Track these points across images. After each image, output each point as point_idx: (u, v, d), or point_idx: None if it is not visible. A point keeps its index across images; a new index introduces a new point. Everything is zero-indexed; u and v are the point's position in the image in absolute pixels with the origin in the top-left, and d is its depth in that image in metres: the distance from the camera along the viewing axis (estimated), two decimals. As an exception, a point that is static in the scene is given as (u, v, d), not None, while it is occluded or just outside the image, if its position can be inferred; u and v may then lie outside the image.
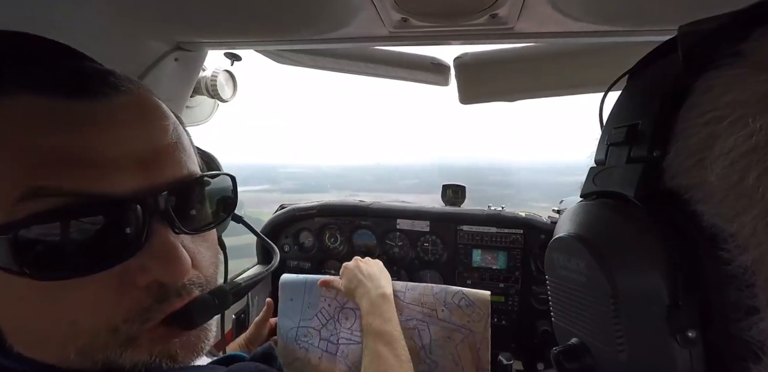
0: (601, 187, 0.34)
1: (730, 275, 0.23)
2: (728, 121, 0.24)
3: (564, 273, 0.35)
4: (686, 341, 0.24)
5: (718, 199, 0.24)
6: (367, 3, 0.64)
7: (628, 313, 0.28)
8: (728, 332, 0.23)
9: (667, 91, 0.29)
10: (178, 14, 0.73)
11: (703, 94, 0.26)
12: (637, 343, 0.28)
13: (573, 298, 0.34)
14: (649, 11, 0.65)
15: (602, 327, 0.31)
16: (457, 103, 1.14)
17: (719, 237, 0.23)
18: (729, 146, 0.23)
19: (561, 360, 0.34)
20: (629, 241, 0.29)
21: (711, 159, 0.24)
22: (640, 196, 0.29)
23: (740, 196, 0.22)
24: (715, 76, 0.26)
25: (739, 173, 0.22)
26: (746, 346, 0.22)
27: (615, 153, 0.34)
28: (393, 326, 0.83)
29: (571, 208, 0.37)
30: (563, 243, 0.35)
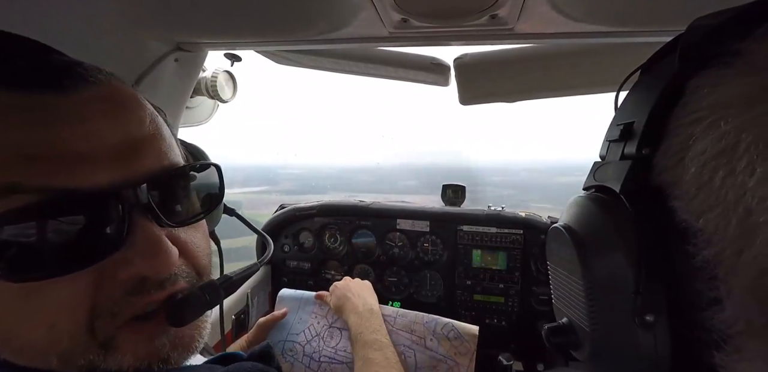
0: (598, 181, 0.37)
1: (696, 267, 0.24)
2: (707, 123, 0.25)
3: (556, 259, 0.39)
4: (644, 324, 0.27)
5: (690, 197, 0.25)
6: (367, 3, 0.64)
7: (600, 296, 0.32)
8: (693, 320, 0.25)
9: (663, 89, 0.30)
10: (178, 15, 0.73)
11: (692, 93, 0.27)
12: (606, 323, 0.31)
13: (563, 282, 0.38)
14: (649, 12, 0.66)
15: (580, 308, 0.34)
16: (456, 103, 1.14)
17: (689, 232, 0.25)
18: (703, 148, 0.24)
19: (548, 334, 0.38)
20: (604, 232, 0.31)
21: (689, 158, 0.25)
22: (625, 190, 0.31)
23: (708, 195, 0.23)
24: (705, 75, 0.26)
25: (709, 173, 0.23)
26: (709, 335, 0.24)
27: (612, 149, 0.36)
28: (382, 335, 0.84)
29: (569, 200, 0.40)
30: (555, 233, 0.38)
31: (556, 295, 0.41)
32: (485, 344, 1.31)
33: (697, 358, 0.25)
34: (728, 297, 0.23)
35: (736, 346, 0.23)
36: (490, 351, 1.18)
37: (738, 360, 0.22)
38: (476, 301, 1.33)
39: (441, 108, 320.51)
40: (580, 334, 0.35)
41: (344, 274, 1.46)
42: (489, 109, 1.17)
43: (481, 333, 1.34)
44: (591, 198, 0.35)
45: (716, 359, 0.23)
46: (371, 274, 1.44)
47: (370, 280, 1.43)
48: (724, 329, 0.23)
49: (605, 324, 0.31)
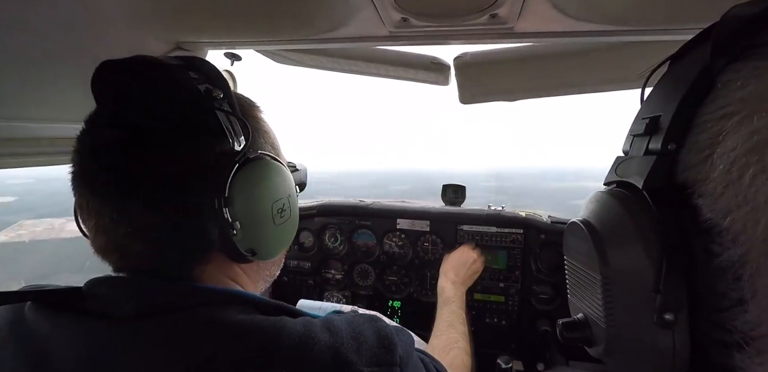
0: (620, 176, 0.36)
1: (720, 267, 0.24)
2: (738, 118, 0.23)
3: (574, 254, 0.39)
4: (663, 323, 0.26)
5: (716, 195, 0.24)
6: (367, 3, 0.64)
7: (618, 293, 0.31)
8: (714, 321, 0.24)
9: (692, 82, 0.29)
10: (178, 14, 0.73)
11: (723, 87, 0.26)
12: (624, 320, 0.31)
13: (579, 277, 0.38)
14: (649, 11, 0.65)
15: (597, 304, 0.33)
16: (454, 104, 1.14)
17: (713, 231, 0.24)
18: (733, 144, 0.23)
19: (562, 329, 0.38)
20: (625, 227, 0.31)
21: (717, 155, 0.24)
22: (648, 186, 0.30)
23: (736, 194, 0.23)
24: (737, 68, 0.25)
25: (738, 171, 0.23)
26: (730, 335, 0.23)
27: (636, 144, 0.35)
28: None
29: (589, 195, 0.39)
30: (574, 227, 0.38)
31: (572, 289, 0.41)
32: (485, 344, 1.31)
33: (715, 358, 0.25)
34: (753, 299, 0.22)
35: (758, 349, 0.22)
36: (490, 351, 1.18)
37: (761, 363, 0.22)
38: (476, 300, 1.33)
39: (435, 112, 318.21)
40: (596, 330, 0.35)
41: (344, 274, 1.46)
42: (484, 112, 1.17)
43: (482, 332, 1.34)
44: (612, 193, 0.34)
45: (736, 361, 0.23)
46: (371, 274, 1.44)
47: (369, 279, 1.44)
48: (747, 331, 0.22)
49: (622, 321, 0.31)
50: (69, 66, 0.69)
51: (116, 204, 0.38)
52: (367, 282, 1.45)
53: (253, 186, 0.41)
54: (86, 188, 0.40)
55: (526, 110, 36.97)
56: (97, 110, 0.42)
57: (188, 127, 0.39)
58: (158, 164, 0.38)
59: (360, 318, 0.43)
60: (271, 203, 0.44)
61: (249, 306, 0.40)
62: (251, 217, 0.41)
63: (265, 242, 0.43)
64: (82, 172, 0.40)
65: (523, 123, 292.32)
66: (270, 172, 0.44)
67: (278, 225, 0.45)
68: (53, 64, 0.66)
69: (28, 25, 0.58)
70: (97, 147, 0.40)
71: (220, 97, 0.41)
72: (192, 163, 0.39)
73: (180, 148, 0.39)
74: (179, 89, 0.40)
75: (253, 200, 0.42)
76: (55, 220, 3.30)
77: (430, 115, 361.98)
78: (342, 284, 1.47)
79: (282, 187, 0.46)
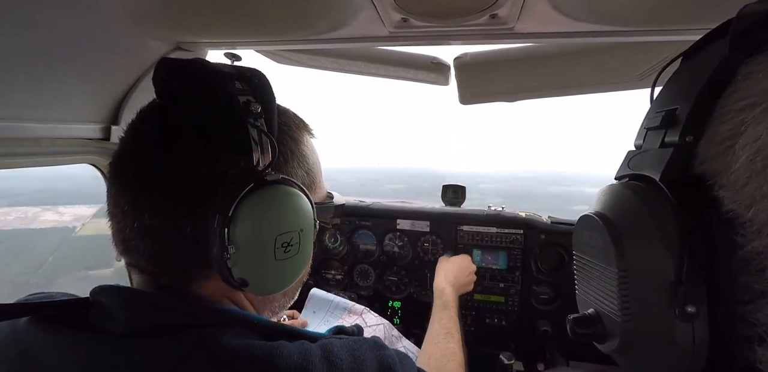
0: (633, 169, 0.35)
1: (743, 259, 0.23)
2: (761, 109, 0.23)
3: (585, 248, 0.38)
4: (685, 315, 0.25)
5: (739, 186, 0.24)
6: (367, 3, 0.64)
7: (635, 286, 0.30)
8: (736, 313, 0.24)
9: (711, 75, 0.29)
10: (178, 14, 0.73)
11: (744, 79, 0.26)
12: (641, 314, 0.30)
13: (591, 271, 0.37)
14: (649, 12, 0.65)
15: (612, 298, 0.33)
16: (453, 105, 1.14)
17: (736, 222, 0.24)
18: (757, 134, 0.23)
19: (573, 326, 0.37)
20: (644, 220, 0.30)
21: (739, 146, 0.24)
22: (665, 179, 0.29)
23: (761, 184, 0.22)
24: (758, 61, 0.25)
25: (762, 161, 0.22)
26: (752, 329, 0.23)
27: (651, 137, 0.34)
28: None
29: (601, 189, 0.38)
30: (587, 220, 0.37)
31: (581, 285, 0.40)
32: (485, 344, 1.31)
33: (735, 352, 0.24)
34: None
35: None
36: (490, 350, 1.18)
37: None
38: (477, 300, 1.33)
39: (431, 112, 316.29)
40: (609, 325, 0.34)
41: (344, 274, 1.46)
42: (482, 113, 1.17)
43: (482, 332, 1.34)
44: (628, 186, 0.34)
45: (757, 354, 0.23)
46: (371, 274, 1.44)
47: (369, 280, 1.44)
48: None
49: (640, 315, 0.30)
50: (69, 66, 0.69)
51: (131, 196, 0.38)
52: (367, 282, 1.44)
53: (260, 211, 0.38)
54: (113, 173, 0.40)
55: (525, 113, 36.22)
56: (149, 104, 0.43)
57: (216, 135, 0.38)
58: (178, 167, 0.38)
59: (363, 344, 0.41)
60: (275, 234, 0.39)
61: (246, 328, 0.38)
62: (249, 244, 0.38)
63: (258, 275, 0.39)
64: (117, 156, 0.41)
65: (520, 126, 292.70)
66: (285, 200, 0.40)
67: (279, 260, 0.40)
68: (53, 64, 0.66)
69: (28, 25, 0.58)
70: (131, 137, 0.40)
71: (257, 111, 0.39)
72: (209, 173, 0.38)
73: (201, 155, 0.38)
74: (217, 96, 0.38)
75: (256, 227, 0.38)
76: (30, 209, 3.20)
77: (428, 115, 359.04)
78: (342, 285, 1.46)
79: (295, 219, 0.41)
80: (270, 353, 0.34)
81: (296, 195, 0.42)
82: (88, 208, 3.09)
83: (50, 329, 0.38)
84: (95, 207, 2.94)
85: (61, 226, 3.05)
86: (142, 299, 0.38)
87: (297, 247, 0.42)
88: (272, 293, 0.43)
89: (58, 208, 3.23)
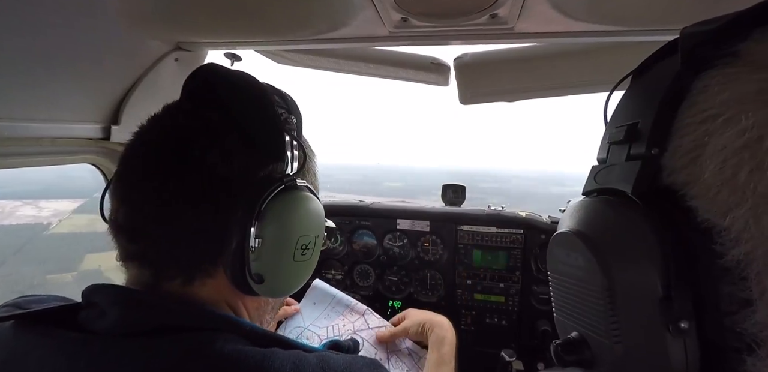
0: (601, 184, 0.35)
1: (724, 268, 0.23)
2: (723, 119, 0.24)
3: (563, 268, 0.36)
4: (678, 331, 0.25)
5: (711, 195, 0.24)
6: (367, 3, 0.64)
7: (623, 305, 0.29)
8: (722, 324, 0.24)
9: (666, 90, 0.30)
10: (178, 14, 0.73)
11: (699, 93, 0.27)
12: (632, 334, 0.29)
13: (572, 293, 0.35)
14: (649, 11, 0.66)
15: (599, 320, 0.32)
16: (453, 103, 1.14)
17: (713, 231, 0.24)
18: (722, 143, 0.24)
19: (560, 352, 0.35)
20: (624, 235, 0.30)
21: (705, 156, 0.25)
22: (637, 192, 0.29)
23: (733, 192, 0.23)
24: (711, 75, 0.26)
25: (731, 169, 0.23)
26: (740, 338, 0.23)
27: (615, 151, 0.34)
28: None
29: (571, 204, 0.38)
30: (563, 238, 0.36)
31: (560, 307, 0.38)
32: (486, 343, 1.31)
33: (725, 364, 0.24)
34: (761, 298, 0.22)
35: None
36: (490, 350, 1.18)
37: None
38: (477, 300, 1.33)
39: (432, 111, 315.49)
40: (596, 348, 0.33)
41: (344, 274, 1.46)
42: (484, 112, 1.17)
43: (482, 332, 1.34)
44: (602, 201, 0.33)
45: (747, 365, 0.22)
46: (371, 274, 1.44)
47: (369, 280, 1.43)
48: (757, 332, 0.22)
49: (631, 335, 0.29)
50: (69, 66, 0.69)
51: (156, 180, 0.38)
52: (367, 282, 1.44)
53: (290, 211, 0.41)
54: (137, 158, 0.40)
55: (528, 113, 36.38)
56: (181, 101, 0.45)
57: (255, 138, 0.41)
58: (214, 160, 0.39)
59: (360, 361, 0.41)
60: (298, 236, 0.42)
61: (239, 334, 0.38)
62: (274, 241, 0.40)
63: (276, 273, 0.41)
64: (142, 141, 0.41)
65: (523, 125, 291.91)
66: (310, 205, 0.43)
67: (296, 261, 0.42)
68: (53, 64, 0.67)
69: (28, 25, 0.58)
70: (167, 127, 0.41)
71: (293, 123, 0.44)
72: (242, 171, 0.39)
73: (238, 154, 0.40)
74: (263, 105, 0.41)
75: (283, 226, 0.40)
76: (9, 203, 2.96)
77: (428, 113, 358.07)
78: (342, 285, 1.46)
79: (315, 225, 0.44)
80: (261, 364, 0.34)
81: (317, 202, 0.45)
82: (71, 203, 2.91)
83: (36, 331, 0.37)
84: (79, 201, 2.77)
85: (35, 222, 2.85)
86: (137, 297, 0.38)
87: (311, 251, 0.44)
88: (279, 295, 0.45)
89: (39, 203, 3.02)
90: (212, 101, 0.42)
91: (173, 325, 0.36)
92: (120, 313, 0.36)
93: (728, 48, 0.26)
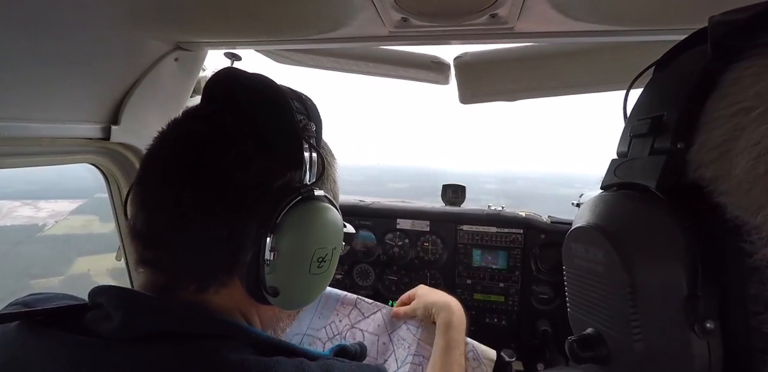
0: (622, 178, 0.34)
1: (753, 268, 0.23)
2: (757, 113, 0.23)
3: (581, 263, 0.35)
4: (704, 332, 0.24)
5: (742, 192, 0.23)
6: (367, 3, 0.64)
7: (646, 303, 0.28)
8: (749, 325, 0.23)
9: (695, 82, 0.28)
10: (178, 14, 0.73)
11: (731, 85, 0.26)
12: (654, 333, 0.28)
13: (589, 288, 0.34)
14: (649, 11, 0.65)
15: (619, 317, 0.31)
16: (457, 104, 1.14)
17: (743, 229, 0.23)
18: (756, 138, 0.23)
19: (575, 348, 0.34)
20: (649, 232, 0.29)
21: (737, 151, 0.24)
22: (661, 187, 0.28)
23: (766, 189, 0.22)
24: (744, 66, 0.25)
25: (765, 165, 0.22)
26: (766, 339, 0.22)
27: (638, 145, 0.33)
28: None
29: (590, 199, 0.36)
30: (582, 233, 0.35)
31: (576, 303, 0.37)
32: (485, 343, 1.31)
33: (749, 365, 0.23)
34: None
35: None
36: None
37: None
38: (476, 300, 1.33)
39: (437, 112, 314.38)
40: (614, 346, 0.32)
41: (344, 274, 1.46)
42: (489, 112, 1.17)
43: (482, 332, 1.34)
44: (624, 195, 0.32)
45: None
46: (371, 274, 1.44)
47: (369, 279, 1.44)
48: None
49: (652, 333, 0.28)
50: (69, 66, 0.69)
51: (173, 187, 0.38)
52: (367, 282, 1.45)
53: (306, 223, 0.40)
54: (155, 163, 0.40)
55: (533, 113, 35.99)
56: (200, 106, 0.44)
57: (272, 146, 0.40)
58: (231, 168, 0.38)
59: (365, 371, 0.40)
60: (315, 248, 0.40)
61: (245, 342, 0.37)
62: (290, 254, 0.38)
63: (291, 286, 0.40)
64: (161, 147, 0.41)
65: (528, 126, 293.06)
66: (327, 217, 0.42)
67: (312, 274, 0.41)
68: (53, 64, 0.66)
69: (28, 25, 0.58)
70: (181, 134, 0.41)
71: (312, 129, 0.42)
72: (259, 179, 0.39)
73: (255, 161, 0.39)
74: (281, 111, 0.40)
75: (300, 237, 0.39)
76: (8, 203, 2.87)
77: (432, 113, 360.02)
78: (342, 284, 1.46)
79: (332, 237, 0.43)
80: (265, 371, 0.34)
81: (336, 213, 0.44)
82: (70, 203, 2.83)
83: (40, 333, 0.36)
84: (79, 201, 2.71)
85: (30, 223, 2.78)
86: (143, 301, 0.37)
87: (328, 264, 0.43)
88: (296, 307, 0.45)
89: (38, 203, 2.95)
90: (231, 106, 0.42)
91: (179, 332, 0.36)
92: (124, 317, 0.35)
93: (761, 38, 0.25)
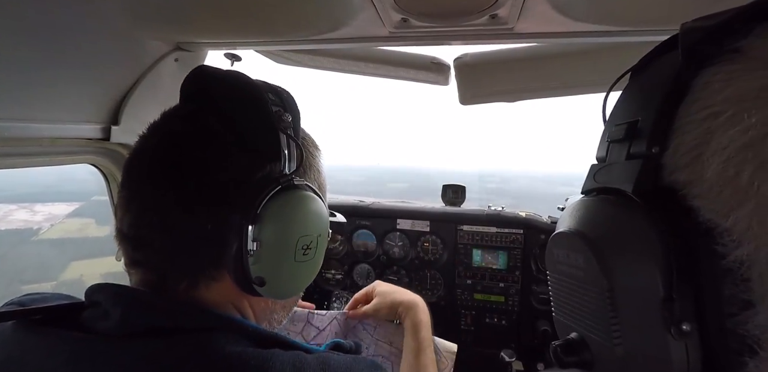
0: (601, 183, 0.35)
1: (726, 269, 0.23)
2: (725, 117, 0.24)
3: (563, 268, 0.36)
4: (681, 334, 0.24)
5: (714, 195, 0.24)
6: (367, 3, 0.64)
7: (624, 306, 0.29)
8: (724, 326, 0.24)
9: (667, 87, 0.29)
10: (178, 14, 0.73)
11: (701, 90, 0.26)
12: (633, 336, 0.29)
13: (571, 293, 0.35)
14: (649, 11, 0.66)
15: (599, 321, 0.31)
16: (456, 105, 1.14)
17: (715, 231, 0.24)
18: (725, 142, 0.23)
19: (559, 354, 0.34)
20: (625, 236, 0.29)
21: (707, 155, 0.24)
22: (638, 191, 0.29)
23: (736, 191, 0.22)
24: (713, 72, 0.26)
25: (734, 168, 0.22)
26: (742, 340, 0.22)
27: (615, 150, 0.34)
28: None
29: (571, 204, 0.37)
30: (562, 238, 0.35)
31: (560, 307, 0.37)
32: (485, 343, 1.32)
33: (726, 366, 0.24)
34: (763, 300, 0.22)
35: None
36: (490, 350, 1.18)
37: None
38: (476, 300, 1.33)
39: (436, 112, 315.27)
40: (597, 350, 0.32)
41: (344, 274, 1.46)
42: (488, 112, 1.17)
43: (482, 332, 1.34)
44: (603, 201, 0.33)
45: (749, 367, 0.22)
46: (371, 274, 1.44)
47: (369, 279, 1.43)
48: (759, 335, 0.22)
49: (632, 337, 0.29)
50: (69, 66, 0.69)
51: (157, 191, 0.38)
52: (367, 282, 1.45)
53: (287, 212, 0.40)
54: (137, 166, 0.41)
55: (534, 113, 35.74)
56: (178, 106, 0.44)
57: (249, 140, 0.40)
58: (210, 166, 0.39)
59: (361, 363, 0.40)
60: (298, 236, 0.41)
61: (241, 335, 0.38)
62: (273, 243, 0.39)
63: (277, 275, 0.41)
64: (141, 151, 0.41)
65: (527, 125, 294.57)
66: (309, 205, 0.42)
67: (298, 262, 0.41)
68: (53, 64, 0.67)
69: (28, 26, 0.58)
70: (161, 135, 0.41)
71: (288, 120, 0.42)
72: (239, 174, 0.39)
73: (234, 157, 0.39)
74: (255, 104, 0.41)
75: (282, 226, 0.40)
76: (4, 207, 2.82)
77: (433, 113, 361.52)
78: (342, 284, 1.47)
79: (315, 224, 0.43)
80: (263, 362, 0.34)
81: (318, 201, 0.44)
82: (66, 206, 2.81)
83: (37, 332, 0.37)
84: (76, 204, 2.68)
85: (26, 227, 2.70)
86: (140, 298, 0.38)
87: (314, 251, 0.43)
88: (284, 297, 0.45)
89: (34, 206, 2.92)
90: (207, 105, 0.42)
91: (175, 326, 0.36)
92: (123, 314, 0.36)
93: (730, 44, 0.25)
